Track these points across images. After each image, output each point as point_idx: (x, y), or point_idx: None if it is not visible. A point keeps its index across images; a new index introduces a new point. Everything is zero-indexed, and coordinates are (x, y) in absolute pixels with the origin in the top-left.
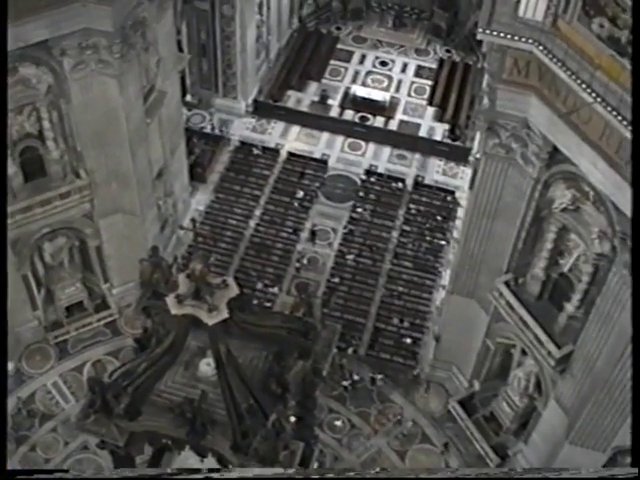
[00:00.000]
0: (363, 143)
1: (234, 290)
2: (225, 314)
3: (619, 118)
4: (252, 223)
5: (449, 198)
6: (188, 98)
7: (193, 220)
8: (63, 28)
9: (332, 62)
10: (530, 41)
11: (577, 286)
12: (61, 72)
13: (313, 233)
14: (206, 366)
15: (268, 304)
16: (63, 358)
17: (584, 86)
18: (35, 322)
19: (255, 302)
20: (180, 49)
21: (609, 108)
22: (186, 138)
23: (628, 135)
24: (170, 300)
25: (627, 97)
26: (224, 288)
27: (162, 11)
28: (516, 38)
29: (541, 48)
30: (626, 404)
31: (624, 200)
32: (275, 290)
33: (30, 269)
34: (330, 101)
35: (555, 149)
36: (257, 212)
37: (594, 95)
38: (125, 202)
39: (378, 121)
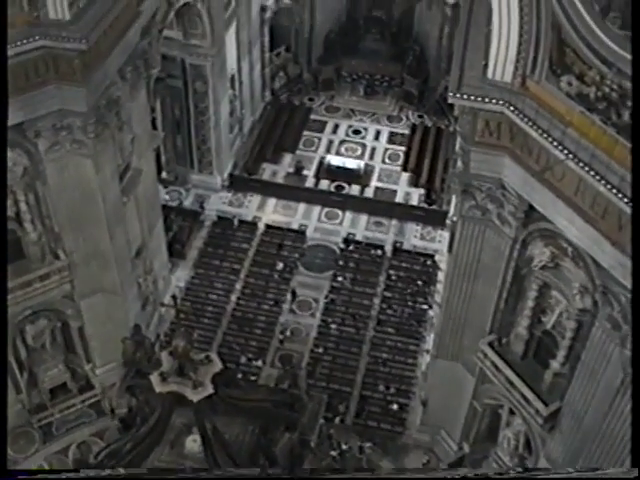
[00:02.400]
0: (340, 212)
1: (218, 365)
2: (210, 390)
3: (592, 173)
4: (233, 297)
5: (429, 262)
6: (164, 175)
7: (174, 297)
8: (38, 110)
9: (306, 133)
10: (500, 102)
11: (561, 343)
12: (36, 154)
13: (293, 293)
14: (192, 443)
15: (253, 377)
16: (48, 441)
17: (556, 144)
18: (19, 405)
19: (239, 376)
20: (154, 127)
21: (582, 164)
22: (163, 215)
23: (602, 189)
24: (154, 378)
25: (599, 152)
26: (208, 364)
27: (135, 90)
28: (486, 100)
29: (512, 109)
30: (619, 454)
31: (602, 254)
32: (259, 363)
33: (12, 352)
34: (305, 172)
35: (531, 207)
36: (238, 286)
37: (566, 152)
38: (105, 282)
39: (354, 189)
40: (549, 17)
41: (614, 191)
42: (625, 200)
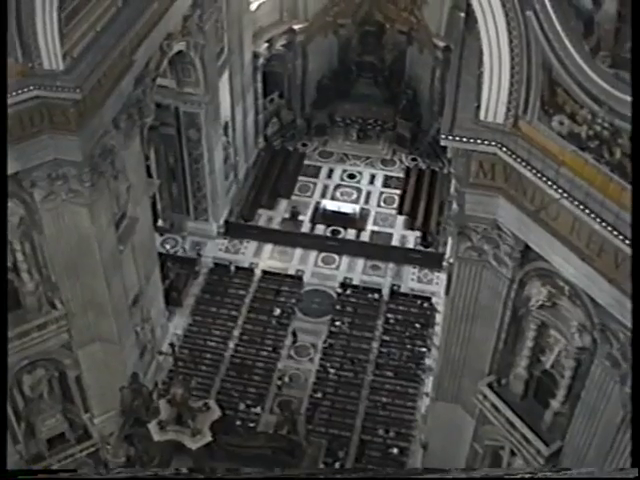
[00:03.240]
0: (336, 256)
1: (216, 413)
2: (208, 437)
3: (587, 212)
4: (231, 344)
5: (426, 305)
6: (160, 223)
7: (172, 344)
8: (33, 160)
9: (300, 178)
10: (493, 143)
11: (561, 382)
12: (32, 203)
13: (294, 334)
14: None
15: (252, 424)
16: None
17: (550, 183)
18: (16, 456)
19: (238, 423)
20: (149, 175)
21: (576, 203)
22: (160, 263)
23: (597, 227)
24: (152, 427)
25: (593, 191)
26: (206, 411)
27: (129, 138)
28: (479, 142)
29: (505, 149)
30: None
31: (599, 292)
32: (258, 410)
33: (10, 403)
34: (301, 217)
35: (527, 247)
36: (235, 332)
37: (560, 191)
38: (102, 330)
39: (350, 233)
40: (540, 58)
41: (609, 229)
42: (621, 237)
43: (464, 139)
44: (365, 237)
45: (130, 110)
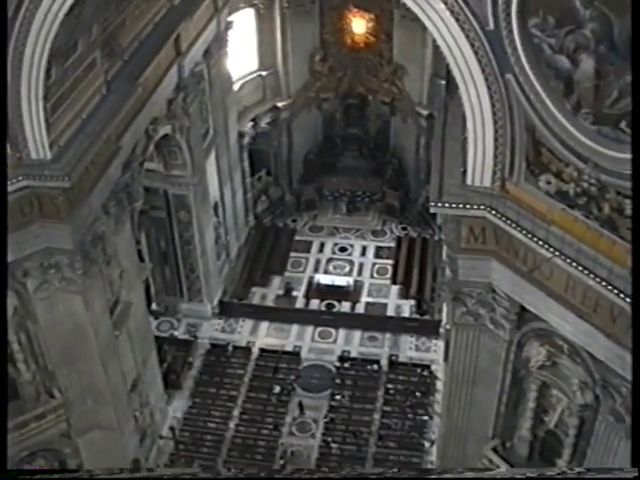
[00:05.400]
0: (333, 330)
1: None
2: None
3: (580, 269)
4: (232, 424)
5: (425, 373)
6: (154, 306)
7: (172, 428)
8: (25, 250)
9: (292, 254)
10: (482, 207)
11: (566, 441)
12: (25, 293)
13: (300, 406)
14: None
15: None
16: None
17: (541, 243)
18: None
19: None
20: (141, 259)
21: (569, 260)
22: (157, 346)
23: (591, 283)
24: None
25: (585, 247)
26: None
27: (120, 224)
28: (468, 206)
29: (494, 212)
30: None
31: (598, 347)
32: None
33: None
34: (295, 293)
35: (523, 308)
36: (235, 412)
37: (552, 250)
38: (102, 417)
39: (345, 306)
40: (522, 119)
41: (603, 284)
42: (615, 292)
43: (453, 205)
44: (360, 309)
45: (119, 196)
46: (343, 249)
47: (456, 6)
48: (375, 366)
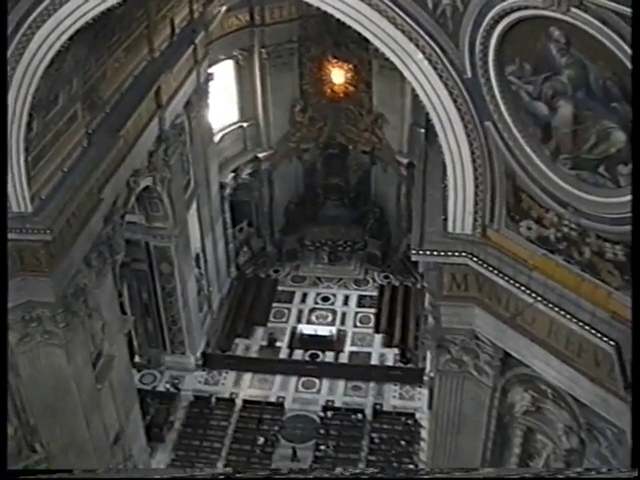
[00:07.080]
0: (317, 380)
1: None
2: None
3: (562, 313)
4: None
5: (410, 421)
6: (137, 359)
7: None
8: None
9: (275, 304)
10: (463, 254)
11: None
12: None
13: (294, 451)
14: None
15: None
16: None
17: (523, 289)
18: None
19: None
20: (124, 311)
21: (551, 305)
22: (139, 399)
23: (574, 327)
24: None
25: (567, 292)
26: None
27: (102, 276)
28: (449, 254)
29: (475, 259)
30: None
31: (582, 391)
32: None
33: None
34: (278, 343)
35: (507, 354)
36: (219, 464)
37: (534, 295)
38: None
39: (328, 356)
40: (502, 166)
41: (587, 328)
42: (599, 336)
43: (434, 253)
44: (344, 358)
45: (100, 248)
46: (326, 299)
47: (434, 55)
48: (359, 415)
